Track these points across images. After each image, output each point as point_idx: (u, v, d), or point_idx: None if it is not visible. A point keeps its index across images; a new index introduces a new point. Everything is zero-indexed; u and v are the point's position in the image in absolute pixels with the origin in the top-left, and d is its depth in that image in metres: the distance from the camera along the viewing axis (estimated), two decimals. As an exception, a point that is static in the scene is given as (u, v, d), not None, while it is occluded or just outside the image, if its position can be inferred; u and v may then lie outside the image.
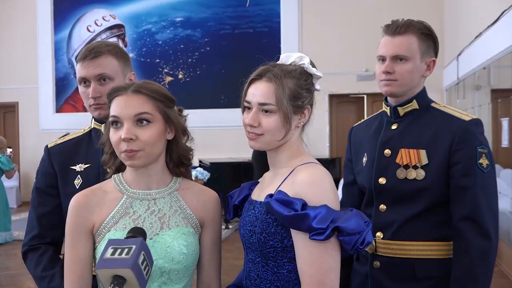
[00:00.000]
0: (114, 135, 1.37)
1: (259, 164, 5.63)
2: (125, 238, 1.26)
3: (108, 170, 1.49)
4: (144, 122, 1.36)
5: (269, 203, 1.34)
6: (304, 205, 1.30)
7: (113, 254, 1.17)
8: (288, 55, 1.47)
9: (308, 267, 1.32)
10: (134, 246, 1.18)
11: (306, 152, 1.49)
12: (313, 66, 1.47)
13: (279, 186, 1.40)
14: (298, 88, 1.42)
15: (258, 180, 1.58)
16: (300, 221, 1.29)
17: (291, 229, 1.34)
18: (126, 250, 1.17)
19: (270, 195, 1.36)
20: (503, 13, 5.40)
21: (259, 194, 1.47)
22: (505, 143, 5.73)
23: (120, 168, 1.48)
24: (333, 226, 1.27)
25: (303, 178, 1.35)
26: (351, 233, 1.28)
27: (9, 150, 7.66)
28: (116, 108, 1.37)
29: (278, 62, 1.47)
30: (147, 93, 1.38)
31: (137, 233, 1.27)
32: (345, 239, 1.29)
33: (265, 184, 1.49)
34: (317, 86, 1.49)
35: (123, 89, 1.39)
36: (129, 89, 1.39)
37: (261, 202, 1.41)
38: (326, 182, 1.35)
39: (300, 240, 1.33)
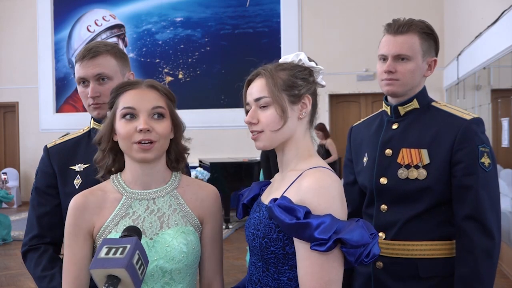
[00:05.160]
0: (126, 126, 1.36)
1: (266, 169, 5.70)
2: (120, 237, 1.25)
3: (98, 169, 1.47)
4: (160, 116, 1.39)
5: (271, 209, 1.29)
6: (308, 213, 1.25)
7: (107, 253, 1.15)
8: (286, 57, 1.46)
9: (308, 278, 1.26)
10: (128, 246, 1.17)
11: (316, 155, 1.43)
12: (311, 60, 1.44)
13: (285, 191, 1.34)
14: (292, 78, 1.39)
15: (270, 180, 1.54)
16: (301, 230, 1.23)
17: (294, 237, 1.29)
18: (120, 249, 1.16)
19: (274, 200, 1.32)
20: (503, 13, 5.40)
21: (267, 196, 1.43)
22: (505, 143, 5.72)
23: (111, 170, 1.46)
24: (335, 238, 1.22)
25: (308, 184, 1.28)
26: (355, 245, 1.22)
27: (3, 176, 7.28)
28: (130, 100, 1.38)
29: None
30: (161, 90, 1.43)
31: (132, 232, 1.26)
32: (348, 251, 1.23)
33: (274, 187, 1.45)
34: (322, 82, 1.46)
35: (137, 83, 1.42)
36: (142, 84, 1.42)
37: (266, 205, 1.36)
38: (333, 189, 1.29)
39: (301, 249, 1.27)
